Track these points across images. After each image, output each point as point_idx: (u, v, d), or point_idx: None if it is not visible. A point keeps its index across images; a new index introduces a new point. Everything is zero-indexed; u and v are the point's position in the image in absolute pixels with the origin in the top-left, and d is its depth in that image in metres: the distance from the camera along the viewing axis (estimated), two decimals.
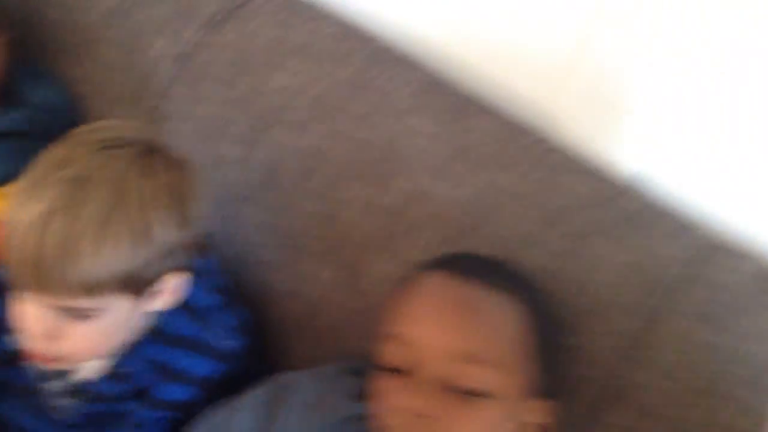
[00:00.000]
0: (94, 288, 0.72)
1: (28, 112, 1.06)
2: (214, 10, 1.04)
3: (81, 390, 0.85)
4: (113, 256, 0.71)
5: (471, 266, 0.76)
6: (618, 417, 0.79)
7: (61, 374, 0.85)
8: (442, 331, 0.70)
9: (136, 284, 0.75)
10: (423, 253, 0.83)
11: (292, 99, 0.96)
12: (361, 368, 0.79)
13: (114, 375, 0.84)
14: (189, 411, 0.84)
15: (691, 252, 0.81)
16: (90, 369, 0.84)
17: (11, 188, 1.02)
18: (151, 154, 0.77)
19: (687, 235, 0.83)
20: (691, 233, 0.83)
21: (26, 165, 1.03)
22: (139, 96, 1.05)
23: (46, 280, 0.71)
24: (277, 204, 0.95)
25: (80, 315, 0.74)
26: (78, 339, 0.76)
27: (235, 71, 1.00)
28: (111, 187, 0.72)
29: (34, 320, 0.74)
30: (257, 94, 0.98)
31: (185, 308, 0.84)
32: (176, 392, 0.85)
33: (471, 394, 0.69)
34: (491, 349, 0.70)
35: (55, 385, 0.85)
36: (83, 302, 0.73)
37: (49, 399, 0.86)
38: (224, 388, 0.85)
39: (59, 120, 1.08)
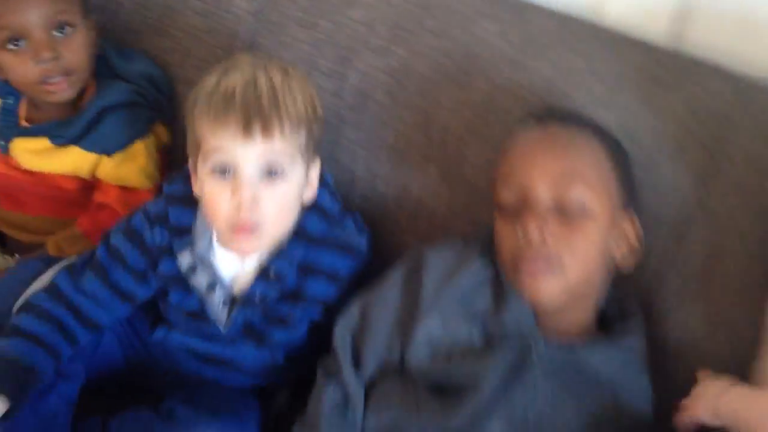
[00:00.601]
0: (295, 128, 0.91)
1: (132, 85, 1.19)
2: None
3: (240, 297, 0.99)
4: (301, 105, 0.92)
5: (555, 115, 0.93)
6: (699, 237, 0.95)
7: (223, 284, 0.99)
8: (545, 161, 0.87)
9: (308, 149, 0.94)
10: None
11: (371, 28, 1.11)
12: (485, 236, 0.95)
13: (267, 276, 0.98)
14: (333, 306, 1.00)
15: (739, 90, 0.97)
16: (247, 271, 0.99)
17: (131, 150, 1.17)
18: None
19: (733, 78, 0.99)
20: (736, 77, 0.99)
21: (140, 131, 1.18)
22: (229, 52, 1.18)
23: (274, 113, 0.89)
24: (374, 121, 1.10)
25: (276, 173, 0.91)
26: (269, 204, 0.91)
27: (313, 13, 1.14)
28: (280, 67, 0.94)
29: (247, 187, 0.89)
30: (338, 29, 1.12)
31: (318, 211, 1.00)
32: (322, 289, 1.00)
33: (577, 215, 0.84)
34: (587, 170, 0.86)
35: (218, 296, 0.99)
36: (288, 146, 0.91)
37: (213, 313, 1.00)
38: (357, 282, 1.01)
39: (159, 88, 1.21)
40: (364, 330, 0.96)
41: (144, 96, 1.19)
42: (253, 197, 0.90)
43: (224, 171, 0.91)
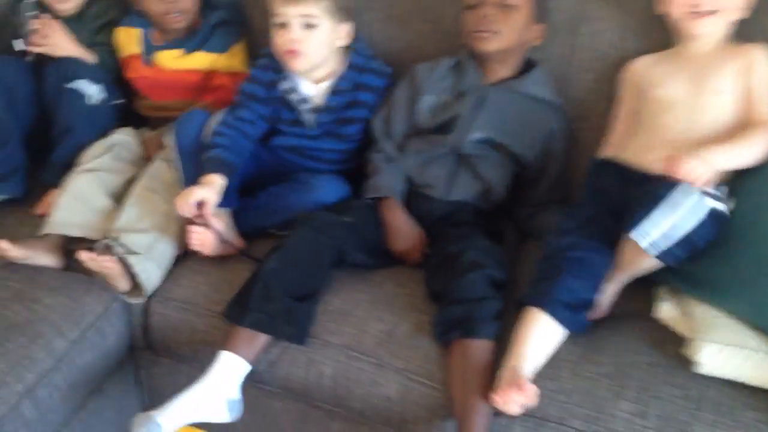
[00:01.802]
0: None
1: (224, 11, 1.86)
2: None
3: (319, 106, 1.69)
4: None
5: None
6: (587, 30, 1.64)
7: (308, 100, 1.67)
8: None
9: (337, 12, 1.59)
10: None
11: None
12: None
13: (335, 91, 1.68)
14: (374, 109, 1.70)
15: None
16: (322, 91, 1.68)
17: (235, 49, 1.82)
18: None
19: None
20: None
21: (237, 38, 1.84)
22: None
23: None
24: (386, 6, 1.78)
25: (310, 24, 1.57)
26: (309, 42, 1.58)
27: None
28: None
29: (293, 33, 1.57)
30: None
31: (359, 53, 1.69)
32: (368, 97, 1.70)
33: (510, 9, 1.55)
34: None
35: (306, 107, 1.68)
36: (314, 10, 1.56)
37: (305, 120, 1.69)
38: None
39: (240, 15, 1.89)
40: (389, 116, 1.68)
41: (233, 18, 1.86)
42: (298, 38, 1.58)
43: (281, 25, 1.59)
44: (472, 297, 1.36)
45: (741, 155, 1.40)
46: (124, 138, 1.77)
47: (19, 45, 1.82)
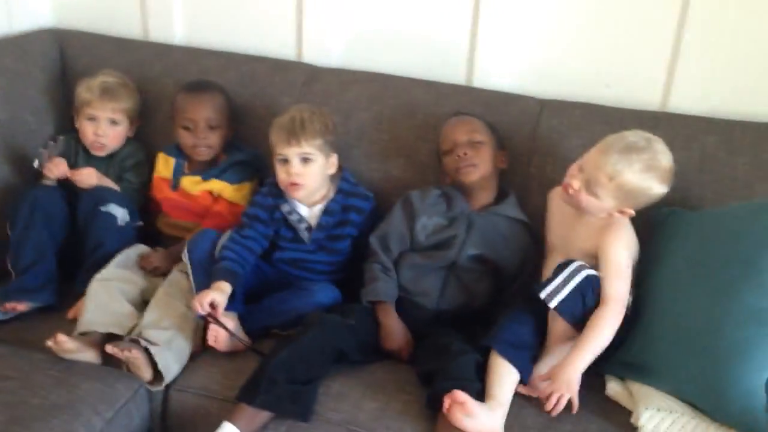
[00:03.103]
0: (313, 139, 1.91)
1: (246, 154, 2.19)
2: None
3: (314, 225, 2.00)
4: (322, 125, 1.93)
5: (462, 112, 2.02)
6: (535, 161, 2.01)
7: (305, 220, 2.00)
8: (462, 126, 1.96)
9: (327, 147, 1.94)
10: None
11: (359, 98, 2.17)
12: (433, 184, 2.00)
13: (326, 212, 2.00)
14: (360, 229, 2.02)
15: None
16: (316, 212, 2.00)
17: (243, 185, 2.14)
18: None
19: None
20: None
21: (248, 178, 2.16)
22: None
23: (302, 133, 1.90)
24: (368, 144, 2.13)
25: (307, 160, 1.91)
26: (307, 175, 1.92)
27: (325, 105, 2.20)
28: (310, 109, 1.97)
29: (293, 168, 1.91)
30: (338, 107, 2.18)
31: (345, 180, 2.03)
32: (355, 217, 2.02)
33: (478, 146, 1.92)
34: (480, 130, 1.95)
35: (303, 226, 2.00)
36: (310, 149, 1.91)
37: (300, 235, 2.00)
38: (370, 217, 2.04)
39: (258, 161, 2.20)
40: (387, 234, 1.98)
41: (251, 162, 2.19)
42: (296, 171, 1.92)
43: (283, 161, 1.93)
44: (464, 376, 1.64)
45: (596, 348, 1.66)
46: (134, 253, 2.04)
47: (35, 164, 2.13)
